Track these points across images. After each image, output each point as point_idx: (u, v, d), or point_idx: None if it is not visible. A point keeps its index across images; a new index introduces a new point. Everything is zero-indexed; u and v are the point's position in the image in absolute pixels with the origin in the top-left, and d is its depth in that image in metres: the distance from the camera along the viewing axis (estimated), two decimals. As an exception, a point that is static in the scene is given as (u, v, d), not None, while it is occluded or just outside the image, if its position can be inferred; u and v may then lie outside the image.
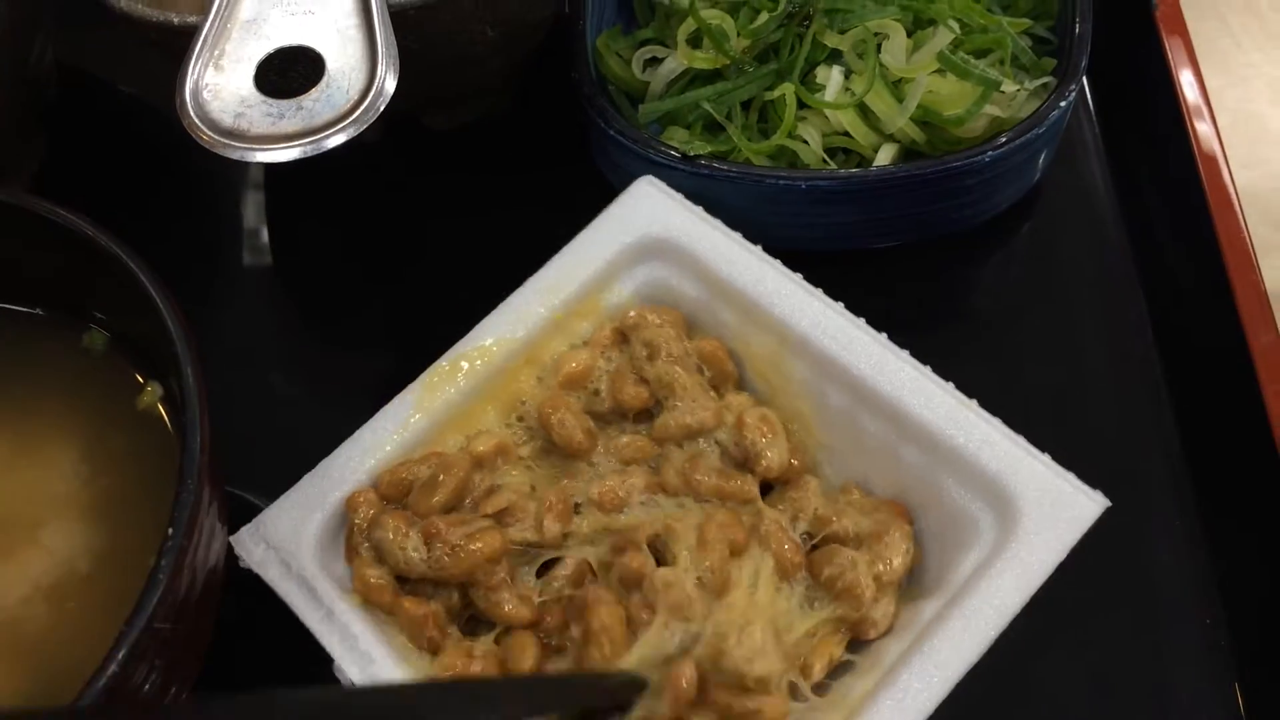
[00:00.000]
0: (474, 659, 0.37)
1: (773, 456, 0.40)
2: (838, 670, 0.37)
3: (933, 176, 0.45)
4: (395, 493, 0.39)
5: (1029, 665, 0.41)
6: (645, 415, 0.42)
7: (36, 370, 0.40)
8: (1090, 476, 0.37)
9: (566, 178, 0.52)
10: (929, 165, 0.45)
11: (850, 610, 0.37)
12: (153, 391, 0.39)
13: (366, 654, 0.36)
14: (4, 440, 0.39)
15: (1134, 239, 0.51)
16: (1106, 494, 0.37)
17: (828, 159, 0.47)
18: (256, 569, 0.38)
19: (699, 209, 0.44)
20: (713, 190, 0.45)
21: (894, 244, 0.49)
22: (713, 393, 0.42)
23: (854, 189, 0.46)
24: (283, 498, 0.39)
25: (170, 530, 0.31)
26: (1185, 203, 0.49)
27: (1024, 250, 0.51)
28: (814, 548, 0.39)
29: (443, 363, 0.42)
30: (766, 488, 0.41)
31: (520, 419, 0.42)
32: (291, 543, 0.38)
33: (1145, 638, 0.41)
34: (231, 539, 0.38)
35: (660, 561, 0.37)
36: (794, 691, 0.36)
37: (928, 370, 0.40)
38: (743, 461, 0.40)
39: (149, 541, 0.31)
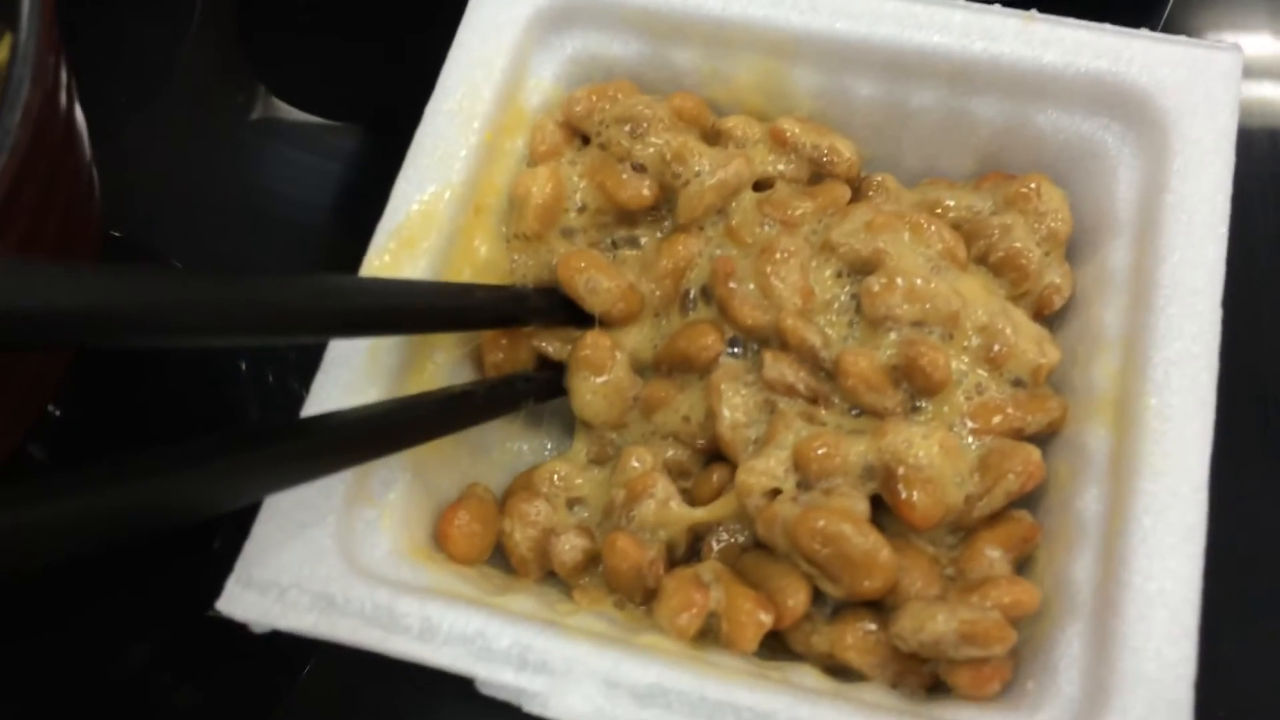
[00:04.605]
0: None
1: (843, 148, 0.32)
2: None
3: None
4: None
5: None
6: (645, 216, 0.32)
7: None
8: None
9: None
10: None
11: (1019, 282, 0.29)
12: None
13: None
14: None
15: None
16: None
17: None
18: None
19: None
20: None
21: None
22: (715, 151, 0.32)
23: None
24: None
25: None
26: None
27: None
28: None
29: (380, 255, 0.29)
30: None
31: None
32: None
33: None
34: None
35: None
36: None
37: (981, 4, 0.31)
38: (814, 175, 0.32)
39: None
